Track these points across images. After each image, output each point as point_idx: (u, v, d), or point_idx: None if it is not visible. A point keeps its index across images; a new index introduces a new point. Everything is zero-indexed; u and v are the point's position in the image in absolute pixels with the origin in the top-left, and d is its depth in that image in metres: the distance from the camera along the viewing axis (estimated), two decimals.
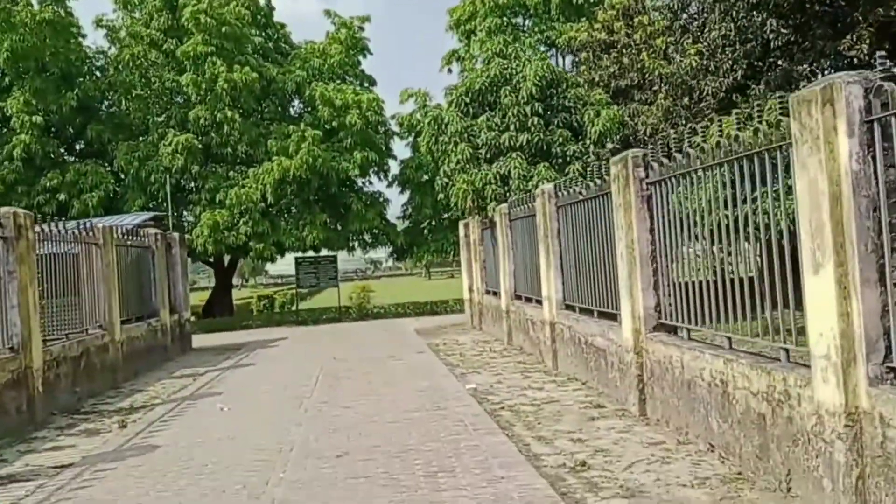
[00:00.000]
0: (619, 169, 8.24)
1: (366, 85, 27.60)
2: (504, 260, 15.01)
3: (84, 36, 25.28)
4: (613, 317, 9.16)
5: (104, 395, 12.24)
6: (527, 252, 13.64)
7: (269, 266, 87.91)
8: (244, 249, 25.34)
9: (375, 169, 26.29)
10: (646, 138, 18.61)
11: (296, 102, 27.72)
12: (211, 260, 28.17)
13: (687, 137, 7.21)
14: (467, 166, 17.07)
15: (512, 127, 16.65)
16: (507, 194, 16.28)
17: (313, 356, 15.51)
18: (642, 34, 20.54)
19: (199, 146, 24.66)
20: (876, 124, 4.31)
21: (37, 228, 11.27)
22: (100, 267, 13.60)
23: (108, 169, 24.83)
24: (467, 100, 17.75)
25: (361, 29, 27.87)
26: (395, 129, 27.21)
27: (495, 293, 17.26)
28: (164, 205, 21.67)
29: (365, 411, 9.20)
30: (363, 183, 27.22)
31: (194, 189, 25.88)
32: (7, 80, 23.86)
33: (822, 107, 4.50)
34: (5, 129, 24.41)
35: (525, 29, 25.94)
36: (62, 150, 25.11)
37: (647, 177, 7.95)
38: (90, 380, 12.36)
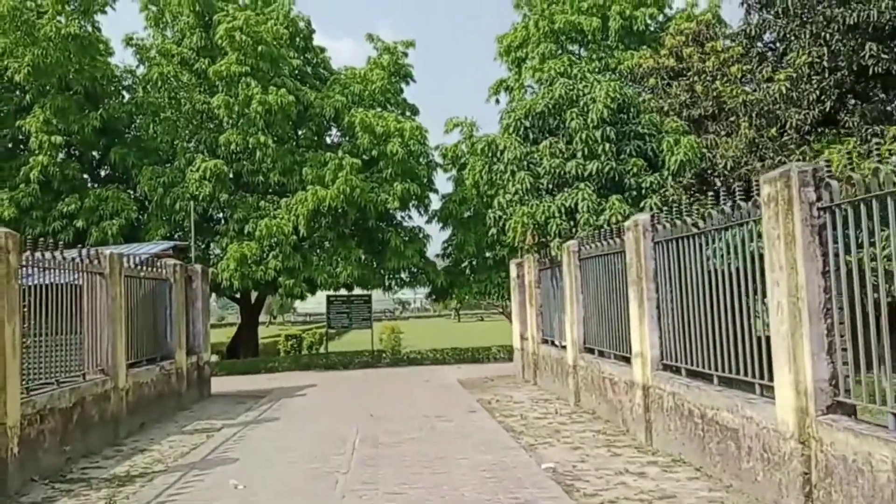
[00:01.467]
0: (776, 189, 6.11)
1: (408, 114, 25.81)
2: (572, 305, 12.86)
3: (112, 53, 23.87)
4: (748, 386, 7.00)
5: (100, 455, 10.22)
6: (603, 297, 11.49)
7: (297, 303, 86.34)
8: (273, 285, 23.43)
9: (416, 202, 24.35)
10: (726, 172, 16.56)
11: (333, 130, 26.00)
12: (237, 296, 26.30)
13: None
14: (526, 197, 15.05)
15: (579, 154, 14.64)
16: (574, 230, 14.22)
17: (347, 410, 13.39)
18: (715, 61, 18.58)
19: (229, 173, 22.97)
20: None
21: (26, 254, 9.42)
22: (104, 300, 11.67)
23: (131, 195, 23.17)
24: (527, 124, 15.81)
25: (405, 55, 26.22)
26: (439, 160, 25.35)
27: (555, 343, 15.10)
28: (189, 235, 19.87)
29: (418, 501, 7.05)
30: (402, 217, 25.29)
31: (222, 219, 24.14)
32: (27, 97, 22.38)
33: None
34: (23, 150, 22.89)
35: (581, 57, 24.04)
36: (82, 174, 23.50)
37: (819, 200, 5.82)
38: (85, 436, 10.35)
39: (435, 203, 25.77)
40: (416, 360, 23.68)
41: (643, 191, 14.49)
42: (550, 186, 14.89)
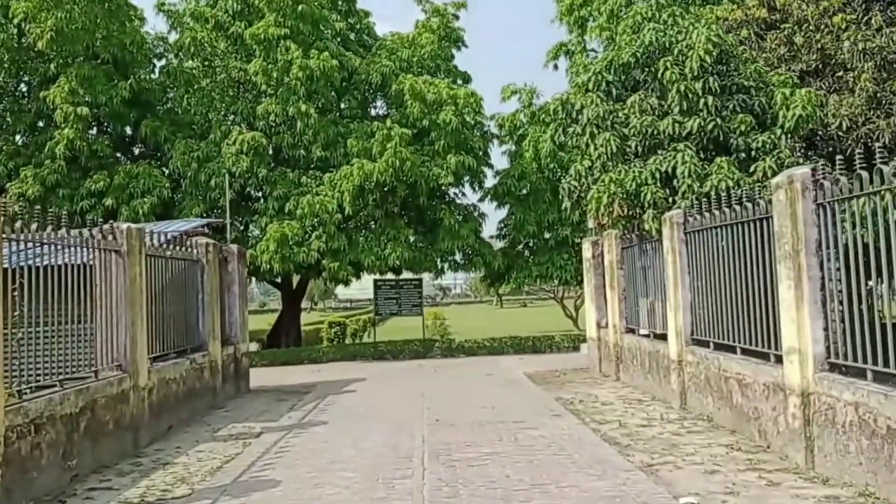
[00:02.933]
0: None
1: (459, 82, 23.67)
2: (675, 288, 10.68)
3: (142, 20, 22.09)
4: None
5: (114, 470, 8.41)
6: (725, 277, 9.31)
7: (339, 288, 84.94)
8: (316, 268, 21.56)
9: (471, 177, 22.21)
10: (839, 133, 14.17)
11: (379, 101, 23.95)
12: (278, 280, 24.50)
13: None
14: (609, 163, 12.84)
15: (676, 110, 12.37)
16: (672, 199, 11.99)
17: (405, 412, 11.40)
18: (814, 10, 16.11)
19: (268, 147, 21.10)
20: None
21: (18, 225, 7.57)
22: (122, 283, 9.82)
23: (164, 172, 21.42)
24: (609, 78, 13.56)
25: (456, 17, 24.06)
26: (494, 130, 23.22)
27: (642, 333, 12.94)
28: (225, 213, 18.03)
29: None
30: (455, 194, 23.20)
31: (261, 197, 22.30)
32: (52, 67, 20.71)
33: None
34: (49, 126, 21.27)
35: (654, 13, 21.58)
36: (111, 149, 21.82)
37: None
38: (95, 446, 8.53)
39: (489, 181, 23.65)
40: (470, 349, 21.64)
41: (752, 152, 12.19)
42: (640, 149, 12.65)
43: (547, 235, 22.77)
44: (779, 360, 7.78)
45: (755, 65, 13.56)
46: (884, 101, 13.95)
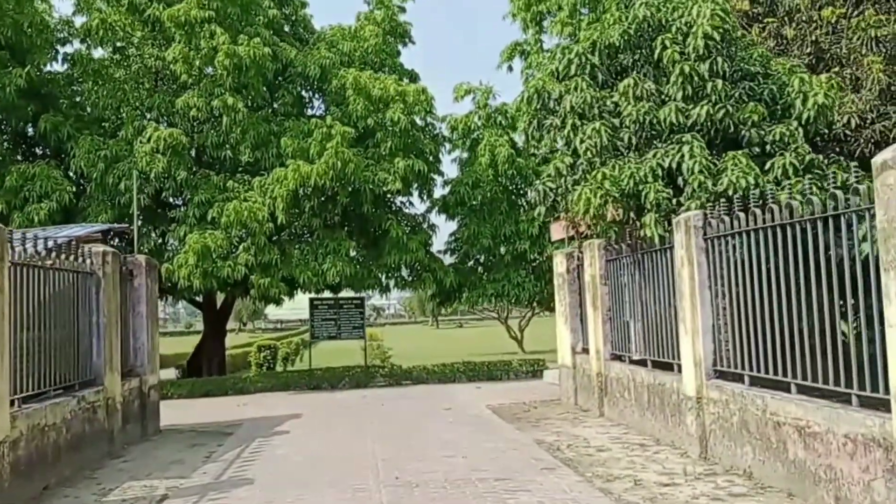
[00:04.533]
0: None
1: (406, 81, 21.46)
2: (692, 307, 8.62)
3: (44, 0, 19.25)
4: None
5: None
6: (765, 294, 7.29)
7: (269, 308, 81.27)
8: (243, 285, 18.93)
9: (421, 184, 19.96)
10: (847, 132, 12.48)
11: (317, 98, 21.50)
12: (199, 299, 21.72)
13: None
14: (596, 159, 10.79)
15: (679, 96, 10.41)
16: (677, 201, 9.99)
17: (353, 464, 8.98)
18: (806, 1, 14.57)
19: (189, 145, 18.45)
20: None
21: None
22: None
23: (66, 173, 18.49)
24: (595, 61, 11.52)
25: (402, 10, 21.88)
26: (446, 133, 21.08)
27: (637, 360, 10.89)
28: (134, 217, 15.27)
29: None
30: (403, 202, 20.90)
31: (180, 203, 19.54)
32: None
33: None
34: None
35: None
36: (5, 147, 18.82)
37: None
38: None
39: (438, 189, 21.45)
40: (418, 377, 19.29)
41: (766, 147, 10.32)
42: (636, 142, 10.64)
43: (503, 250, 20.66)
44: (868, 404, 5.75)
45: (760, 48, 11.77)
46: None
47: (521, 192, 20.96)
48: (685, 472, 7.87)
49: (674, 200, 9.97)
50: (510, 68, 21.64)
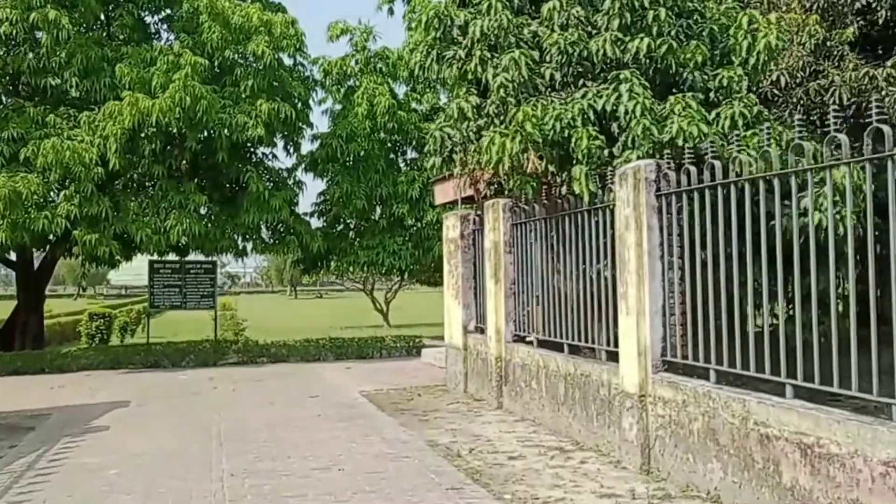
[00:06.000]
0: None
1: (273, 13, 18.62)
2: (639, 282, 6.81)
3: None
4: None
5: None
6: (744, 266, 5.55)
7: (112, 272, 74.67)
8: (65, 243, 15.74)
9: (287, 133, 17.34)
10: (776, 91, 11.15)
11: (164, 24, 18.29)
12: (11, 257, 18.18)
13: None
14: (511, 99, 8.79)
15: (615, 24, 8.55)
16: (610, 152, 8.16)
17: (189, 483, 6.58)
18: None
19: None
20: None
21: None
22: None
23: None
24: None
25: None
26: (318, 77, 18.51)
27: (551, 343, 9.06)
28: None
29: None
30: (265, 154, 18.17)
31: None
32: None
33: None
34: None
35: None
36: None
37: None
38: None
39: (307, 144, 18.91)
40: (277, 354, 16.84)
41: (710, 93, 8.68)
42: (559, 78, 8.70)
43: (378, 213, 18.46)
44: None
45: None
46: (835, 52, 11.07)
47: (401, 149, 18.81)
48: (633, 495, 6.05)
49: (606, 151, 8.14)
50: (391, 11, 19.20)
